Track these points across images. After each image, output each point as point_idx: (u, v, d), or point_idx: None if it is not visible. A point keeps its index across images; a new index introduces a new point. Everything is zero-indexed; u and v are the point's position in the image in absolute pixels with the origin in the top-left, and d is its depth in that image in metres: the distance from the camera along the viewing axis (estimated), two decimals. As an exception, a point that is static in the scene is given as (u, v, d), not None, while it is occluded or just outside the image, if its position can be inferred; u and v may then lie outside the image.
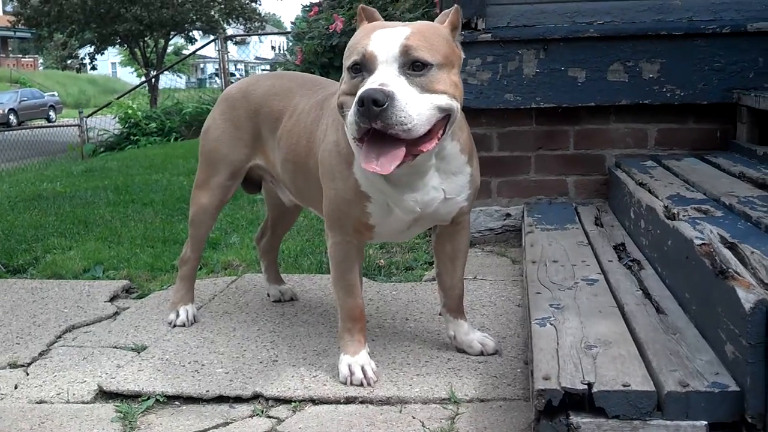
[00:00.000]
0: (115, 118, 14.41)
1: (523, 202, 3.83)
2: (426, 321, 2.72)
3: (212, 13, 25.55)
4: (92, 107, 28.45)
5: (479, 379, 2.20)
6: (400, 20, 5.25)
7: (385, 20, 5.75)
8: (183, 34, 26.43)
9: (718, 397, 1.56)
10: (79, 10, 22.04)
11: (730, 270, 1.73)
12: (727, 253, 1.85)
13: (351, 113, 1.84)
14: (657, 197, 2.68)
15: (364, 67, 1.89)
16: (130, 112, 14.00)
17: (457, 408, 2.04)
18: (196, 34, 27.38)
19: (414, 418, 2.00)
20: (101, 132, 14.47)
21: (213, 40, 17.60)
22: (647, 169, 3.30)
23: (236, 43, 24.93)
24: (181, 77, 43.63)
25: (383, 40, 1.90)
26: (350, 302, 2.27)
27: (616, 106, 3.76)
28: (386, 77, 1.84)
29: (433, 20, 5.41)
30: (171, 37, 26.12)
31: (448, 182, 2.17)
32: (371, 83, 1.83)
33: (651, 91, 3.68)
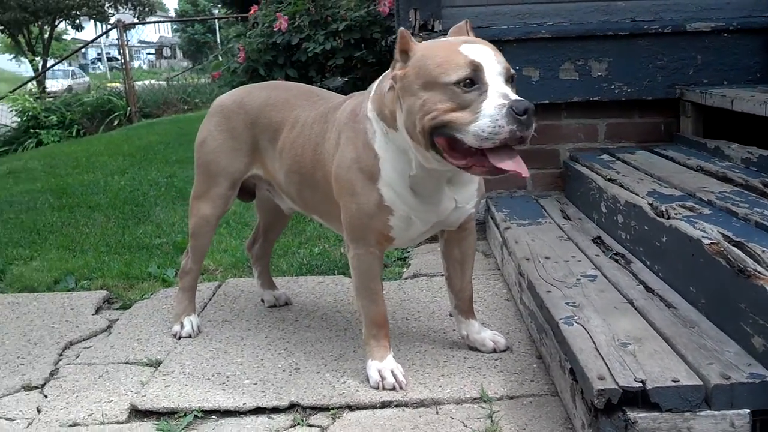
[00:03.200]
0: (11, 110, 13.81)
1: (485, 196, 3.98)
2: (426, 320, 2.84)
3: (100, -1, 24.77)
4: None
5: (501, 376, 2.33)
6: (345, 17, 5.33)
7: (331, 17, 5.75)
8: (69, 21, 25.43)
9: (759, 387, 1.73)
10: (-42, -4, 20.93)
11: (749, 269, 1.91)
12: (738, 252, 2.03)
13: (498, 122, 1.89)
14: (636, 194, 2.87)
15: (478, 81, 1.95)
16: (28, 104, 13.45)
17: (490, 406, 2.16)
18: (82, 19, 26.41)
19: (453, 418, 2.11)
20: (-1, 126, 13.89)
21: (111, 29, 17.05)
22: (608, 164, 3.50)
23: (127, 29, 24.11)
24: (63, 63, 42.03)
25: (488, 56, 1.98)
26: (374, 309, 2.36)
27: (567, 103, 3.96)
28: (508, 90, 1.95)
29: (376, 17, 5.49)
30: (57, 23, 25.11)
31: (460, 192, 2.31)
32: (504, 96, 1.92)
33: (600, 88, 3.90)
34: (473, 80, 1.95)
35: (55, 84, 21.33)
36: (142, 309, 3.15)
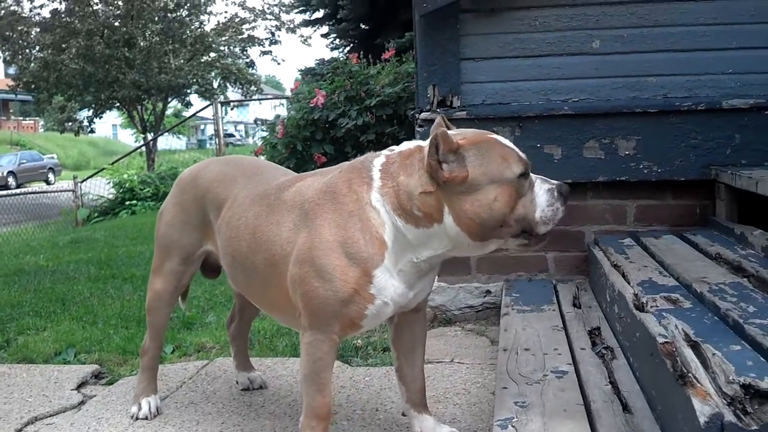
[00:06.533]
0: (109, 183, 14.44)
1: (503, 279, 3.78)
2: (396, 412, 2.65)
3: (209, 78, 25.80)
4: (92, 169, 28.60)
5: (444, 480, 2.12)
6: (379, 93, 5.30)
7: (366, 93, 5.71)
8: (180, 98, 26.64)
9: None
10: (78, 75, 22.23)
11: (689, 375, 1.68)
12: (689, 354, 1.80)
13: (555, 206, 2.04)
14: (629, 283, 2.63)
15: (529, 172, 2.05)
16: (125, 177, 14.03)
17: None
18: (193, 97, 27.58)
19: None
20: (95, 197, 14.50)
21: (208, 105, 17.74)
22: (624, 249, 3.26)
23: (235, 106, 25.19)
24: (180, 138, 44.01)
25: None
26: (319, 400, 2.18)
27: (593, 183, 3.74)
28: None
29: (411, 94, 5.42)
30: (169, 101, 26.31)
31: (428, 276, 2.21)
32: (543, 180, 2.07)
33: (627, 167, 3.67)
34: (527, 173, 2.03)
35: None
36: (123, 386, 3.08)
